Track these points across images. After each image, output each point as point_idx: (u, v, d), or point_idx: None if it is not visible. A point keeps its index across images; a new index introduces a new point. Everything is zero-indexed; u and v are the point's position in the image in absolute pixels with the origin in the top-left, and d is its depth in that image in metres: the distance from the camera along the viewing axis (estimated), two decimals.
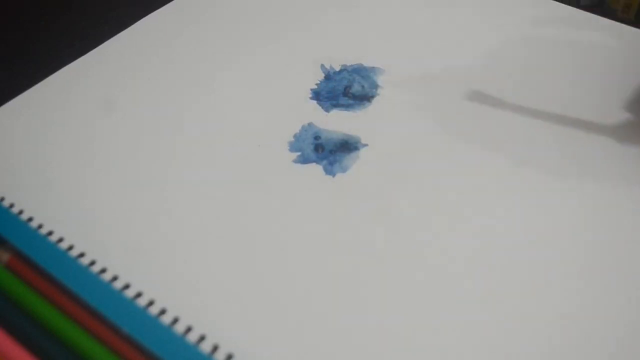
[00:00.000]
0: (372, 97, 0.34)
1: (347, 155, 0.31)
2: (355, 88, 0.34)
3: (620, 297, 0.25)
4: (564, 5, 0.39)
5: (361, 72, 0.35)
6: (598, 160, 0.31)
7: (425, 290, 0.26)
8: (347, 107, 0.34)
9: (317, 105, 0.34)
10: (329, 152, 0.31)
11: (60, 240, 0.27)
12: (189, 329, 0.24)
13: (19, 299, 0.25)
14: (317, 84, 0.35)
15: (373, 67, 0.36)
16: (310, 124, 0.33)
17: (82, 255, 0.27)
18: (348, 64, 0.36)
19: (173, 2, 0.40)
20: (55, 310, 0.25)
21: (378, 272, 0.26)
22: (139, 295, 0.25)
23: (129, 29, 0.38)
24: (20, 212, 0.28)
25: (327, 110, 0.33)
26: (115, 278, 0.26)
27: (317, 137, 0.32)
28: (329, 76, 0.35)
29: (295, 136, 0.32)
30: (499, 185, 0.30)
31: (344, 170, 0.30)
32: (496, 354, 0.24)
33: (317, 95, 0.34)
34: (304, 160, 0.31)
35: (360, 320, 0.25)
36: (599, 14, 0.39)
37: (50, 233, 0.27)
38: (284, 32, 0.38)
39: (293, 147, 0.31)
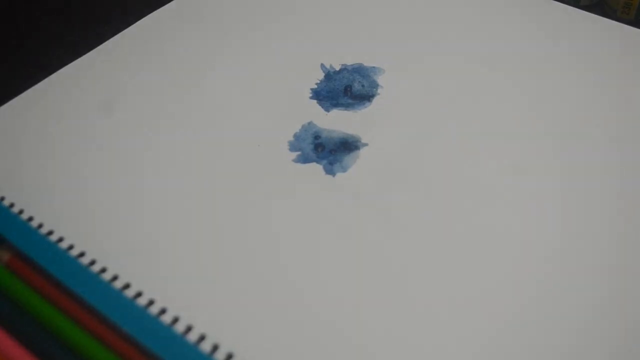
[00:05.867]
0: (373, 96, 0.34)
1: (348, 154, 0.31)
2: (356, 87, 0.34)
3: (625, 296, 0.25)
4: (563, 5, 0.39)
5: (361, 71, 0.35)
6: (598, 160, 0.31)
7: (426, 289, 0.26)
8: (347, 106, 0.34)
9: (317, 105, 0.34)
10: (329, 151, 0.31)
11: (60, 240, 0.27)
12: (189, 329, 0.24)
13: (19, 299, 0.25)
14: (317, 84, 0.35)
15: (373, 67, 0.36)
16: (310, 123, 0.33)
17: (82, 255, 0.27)
18: (348, 64, 0.36)
19: (173, 2, 0.40)
20: (55, 310, 0.25)
21: (378, 271, 0.26)
22: (139, 295, 0.25)
23: (129, 29, 0.38)
24: (21, 211, 0.28)
25: (327, 109, 0.33)
26: (115, 278, 0.26)
27: (317, 137, 0.32)
28: (329, 76, 0.35)
29: (295, 136, 0.32)
30: (500, 184, 0.30)
31: (344, 169, 0.30)
32: (498, 355, 0.24)
33: (317, 94, 0.34)
34: (304, 159, 0.31)
35: (361, 320, 0.25)
36: (599, 14, 0.39)
37: (50, 233, 0.27)
38: (283, 32, 0.38)
39: (293, 147, 0.31)
